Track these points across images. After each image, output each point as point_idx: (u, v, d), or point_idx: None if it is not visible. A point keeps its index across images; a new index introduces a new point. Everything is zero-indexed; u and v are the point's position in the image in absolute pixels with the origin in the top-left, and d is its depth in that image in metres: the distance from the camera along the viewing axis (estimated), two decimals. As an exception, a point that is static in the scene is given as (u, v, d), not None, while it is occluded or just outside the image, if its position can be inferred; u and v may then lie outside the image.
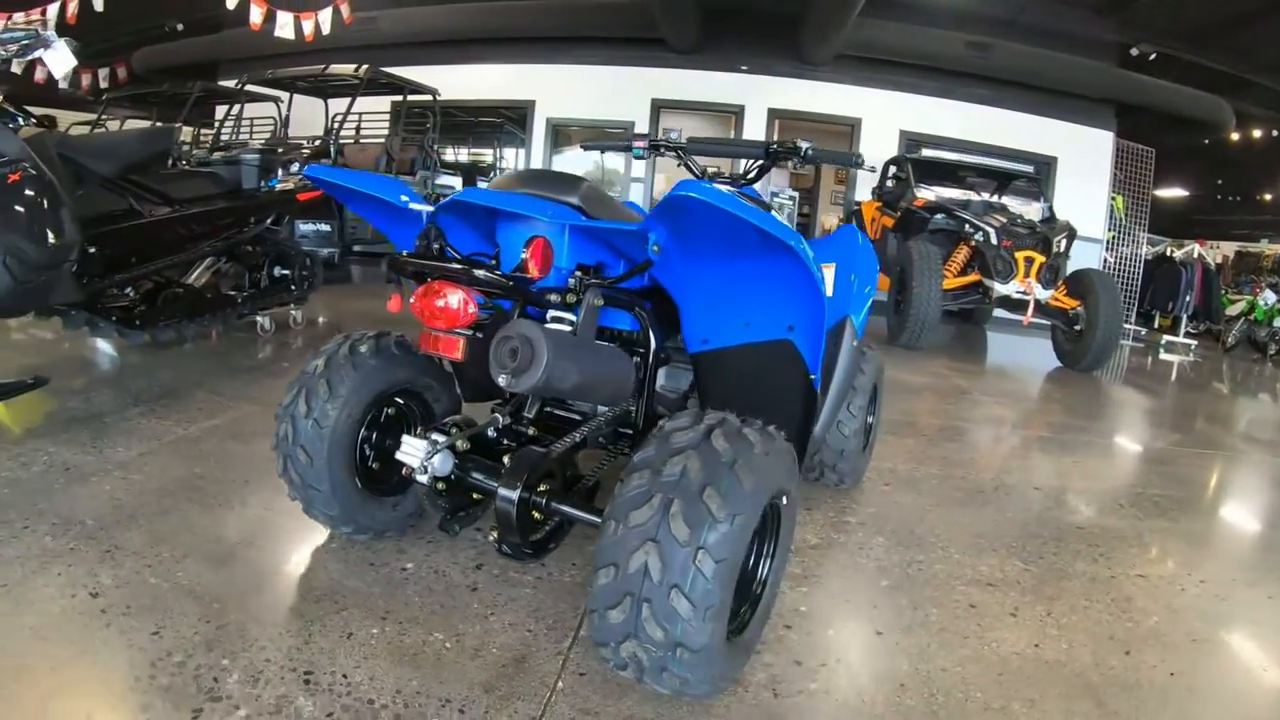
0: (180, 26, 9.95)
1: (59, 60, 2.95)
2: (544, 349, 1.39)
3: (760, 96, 9.63)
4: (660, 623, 1.23)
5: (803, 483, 2.69)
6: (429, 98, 9.76)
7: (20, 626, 1.57)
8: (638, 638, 1.25)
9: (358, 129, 10.21)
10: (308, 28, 7.84)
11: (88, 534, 2.02)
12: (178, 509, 2.24)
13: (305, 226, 5.73)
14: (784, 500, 1.53)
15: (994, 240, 6.13)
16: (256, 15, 7.17)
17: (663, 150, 2.46)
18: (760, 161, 2.36)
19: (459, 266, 1.48)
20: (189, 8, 8.21)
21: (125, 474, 2.49)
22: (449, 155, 12.74)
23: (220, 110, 10.10)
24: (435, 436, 1.70)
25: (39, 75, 8.70)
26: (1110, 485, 3.14)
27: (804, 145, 2.24)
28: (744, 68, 9.59)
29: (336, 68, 8.25)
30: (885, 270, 7.26)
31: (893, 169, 8.24)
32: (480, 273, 1.46)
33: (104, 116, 8.75)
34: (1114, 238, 9.52)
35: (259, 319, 4.95)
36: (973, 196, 7.22)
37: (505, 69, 10.74)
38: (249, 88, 8.42)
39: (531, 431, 1.84)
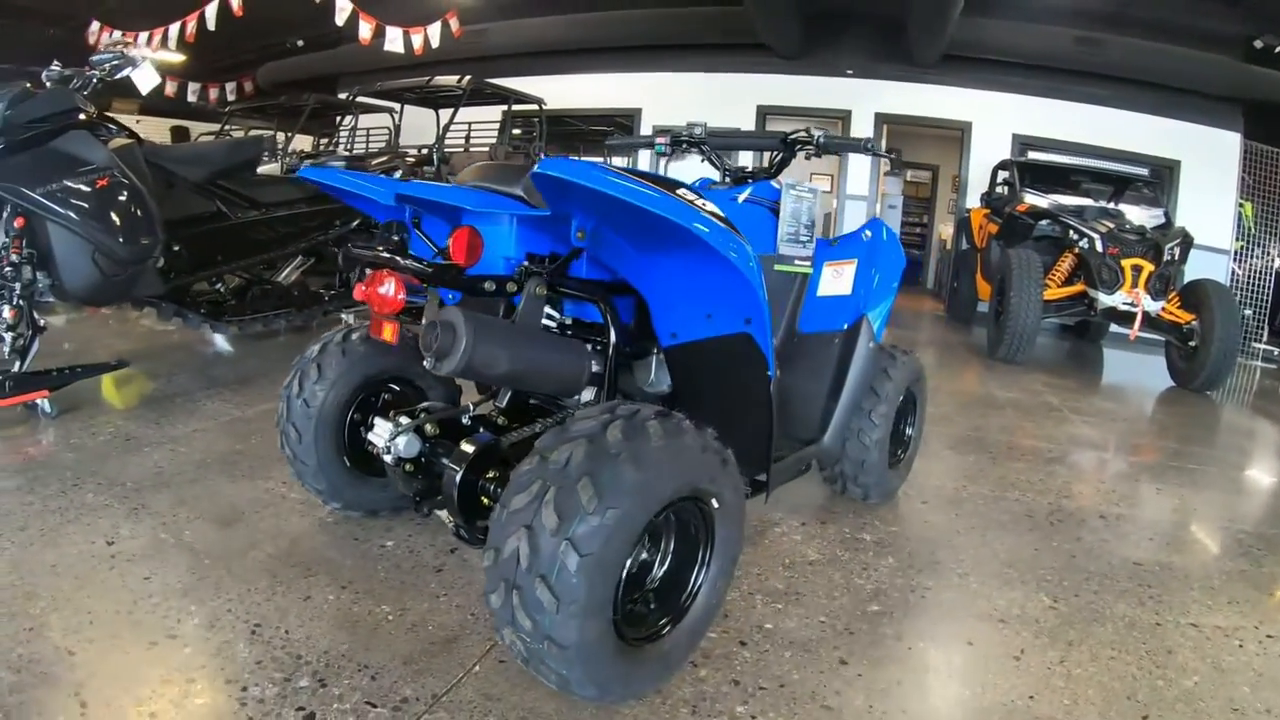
0: (300, 43, 10.70)
1: (145, 78, 3.24)
2: (464, 334, 1.38)
3: (867, 100, 9.29)
4: (529, 613, 1.20)
5: (829, 495, 2.55)
6: (534, 107, 10.08)
7: (42, 562, 1.87)
8: (513, 625, 1.23)
9: (467, 138, 10.66)
10: (417, 41, 8.23)
11: (124, 494, 2.31)
12: (208, 479, 2.46)
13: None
14: (714, 504, 1.44)
15: (1099, 247, 5.62)
16: (366, 31, 7.59)
17: (685, 146, 2.41)
18: (782, 154, 2.28)
19: (387, 255, 1.49)
20: (309, 25, 8.81)
21: (175, 446, 2.72)
22: None
23: (339, 120, 10.85)
24: (402, 419, 1.77)
25: (169, 90, 9.64)
26: (1191, 518, 2.76)
27: (817, 134, 2.19)
28: (849, 71, 9.29)
29: (440, 80, 8.62)
30: (987, 278, 6.84)
31: (1001, 174, 7.75)
32: (405, 261, 1.47)
33: (227, 126, 9.50)
34: (1242, 248, 8.52)
35: (344, 315, 5.20)
36: (1086, 202, 6.67)
37: (611, 78, 10.87)
38: (360, 99, 8.93)
39: (502, 420, 1.85)
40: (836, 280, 2.26)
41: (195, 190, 3.65)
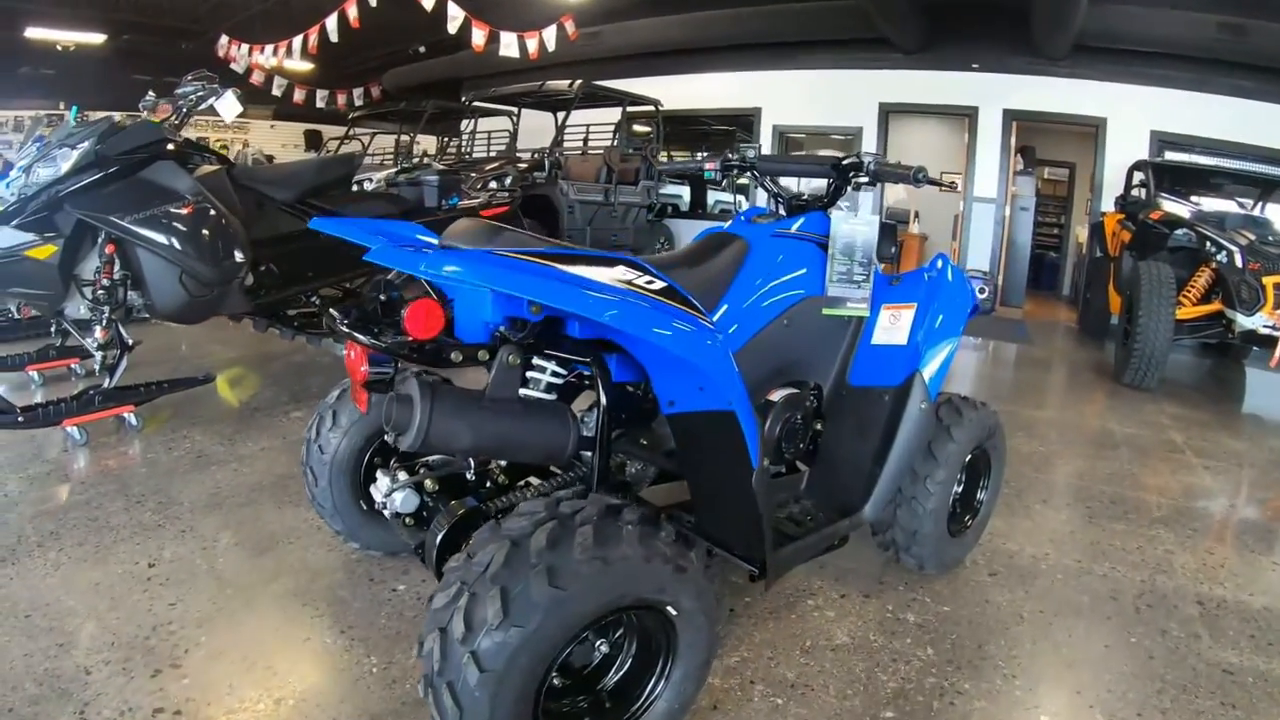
0: (423, 49, 11.13)
1: (228, 107, 3.39)
2: (419, 408, 1.33)
3: (994, 96, 8.61)
4: (442, 713, 1.16)
5: (885, 561, 2.32)
6: (651, 108, 10.03)
7: (89, 580, 2.04)
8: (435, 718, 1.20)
9: (585, 140, 10.75)
10: (531, 46, 8.33)
11: (178, 514, 2.46)
12: (258, 503, 2.58)
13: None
14: (672, 611, 1.30)
15: (1238, 261, 4.88)
16: (479, 37, 7.74)
17: (736, 171, 2.26)
18: (835, 181, 2.11)
19: (346, 329, 1.44)
20: (429, 32, 9.12)
21: (239, 466, 2.85)
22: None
23: (462, 123, 11.20)
24: (400, 474, 1.76)
25: (298, 97, 10.24)
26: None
27: (867, 159, 2.02)
28: (975, 66, 8.64)
29: (552, 84, 8.71)
30: (1119, 291, 6.19)
31: (1136, 175, 6.97)
32: (361, 335, 1.41)
33: (351, 131, 9.99)
34: None
35: None
36: (1230, 208, 5.88)
37: (730, 77, 10.66)
38: (477, 103, 9.15)
39: (503, 479, 1.80)
40: (893, 327, 2.03)
41: (284, 210, 3.80)
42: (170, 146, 3.19)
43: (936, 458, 2.05)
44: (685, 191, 11.36)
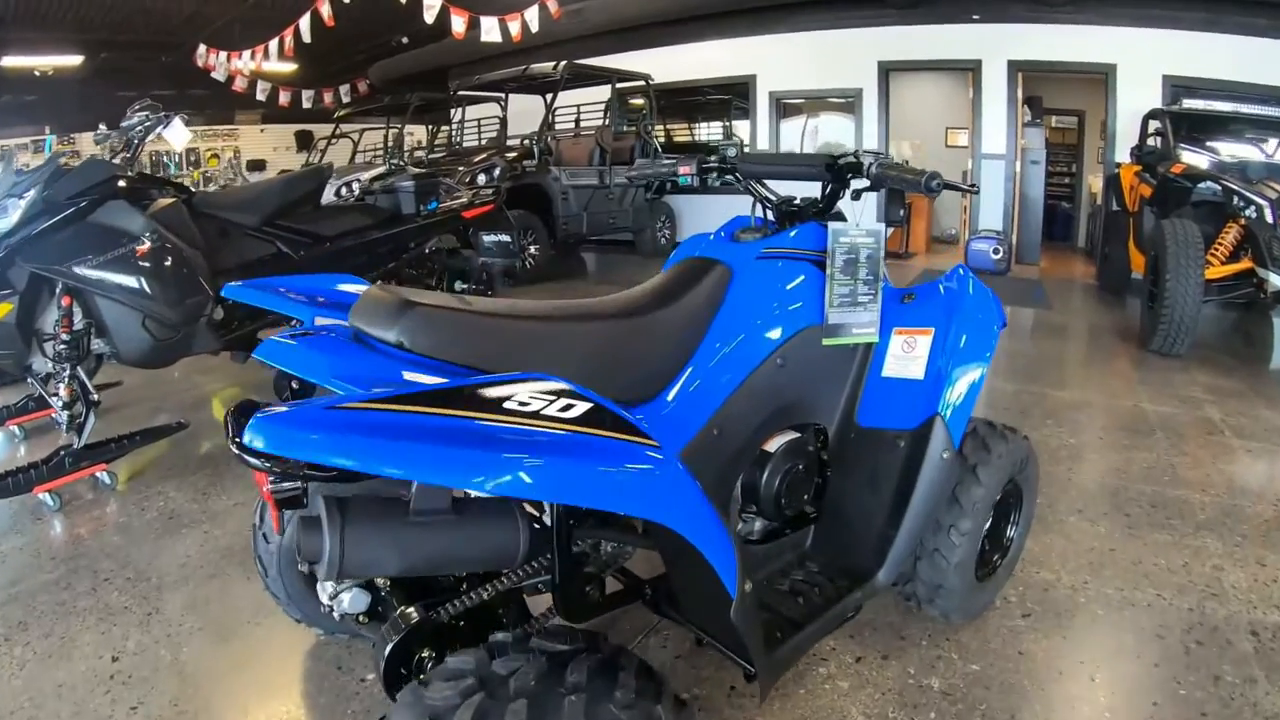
0: (405, 39, 10.83)
1: (176, 135, 3.22)
2: (328, 535, 1.11)
3: (998, 48, 8.20)
4: None
5: (904, 611, 2.09)
6: (641, 83, 9.70)
7: (52, 681, 1.91)
8: None
9: (577, 121, 10.46)
10: (514, 28, 8.02)
11: (145, 593, 2.31)
12: (224, 574, 2.43)
13: (488, 238, 5.85)
14: None
15: (1268, 217, 4.57)
16: (459, 24, 7.45)
17: (716, 175, 2.00)
18: (830, 184, 1.84)
19: (233, 445, 1.24)
20: (409, 23, 8.83)
21: (210, 527, 2.71)
22: (688, 135, 12.59)
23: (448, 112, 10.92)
24: None
25: (283, 99, 10.03)
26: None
27: (867, 160, 1.74)
28: (976, 17, 8.22)
29: (536, 67, 8.43)
30: (1141, 249, 5.89)
31: (1152, 124, 6.59)
32: (249, 458, 1.19)
33: (339, 129, 9.77)
34: None
35: None
36: (1256, 156, 5.52)
37: (722, 45, 10.29)
38: (462, 92, 8.88)
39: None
40: (907, 356, 1.78)
41: (251, 235, 3.61)
42: (122, 184, 3.00)
43: (962, 505, 1.80)
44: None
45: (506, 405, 0.95)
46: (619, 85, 9.58)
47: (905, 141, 10.64)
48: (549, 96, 8.52)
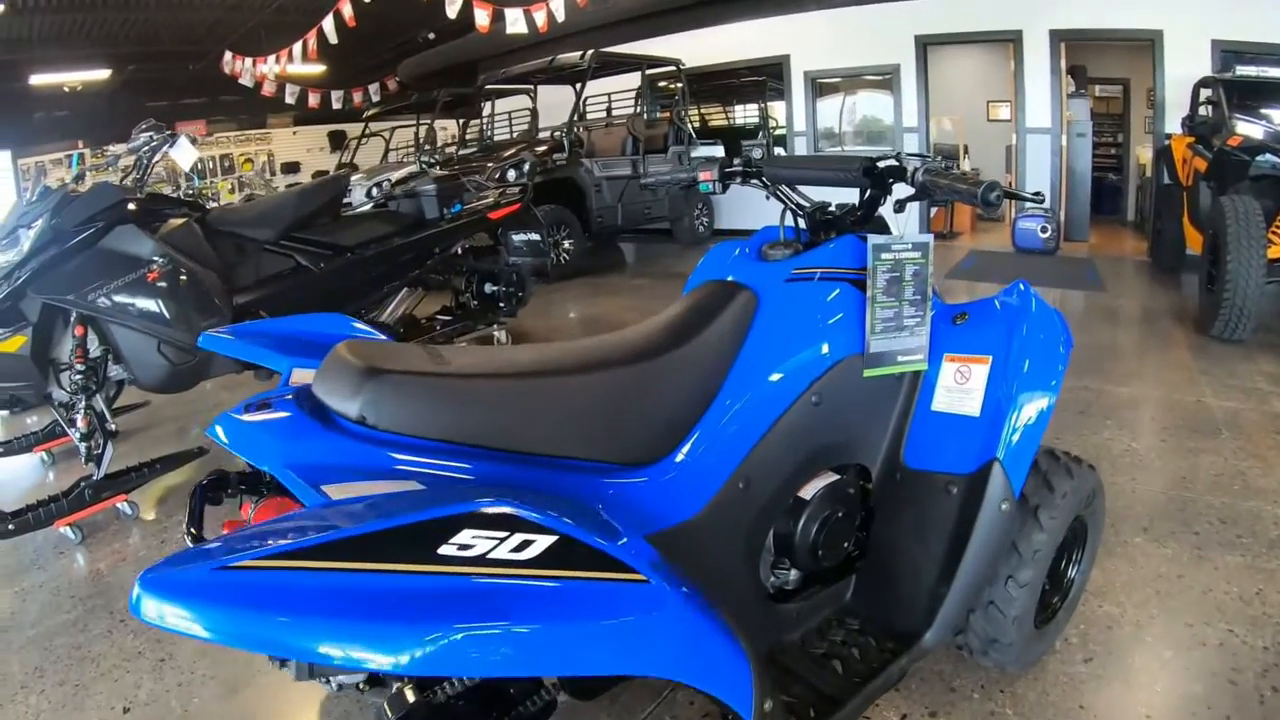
0: (432, 35, 10.74)
1: (184, 154, 3.16)
2: None
3: (1039, 17, 7.76)
4: None
5: (952, 658, 1.88)
6: (672, 69, 9.48)
7: None
8: None
9: (609, 110, 10.28)
10: (540, 19, 7.88)
11: (159, 636, 2.23)
12: None
13: (518, 237, 5.73)
14: None
15: None
16: (483, 18, 7.34)
17: (740, 179, 1.80)
18: (868, 191, 1.63)
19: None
20: (435, 19, 8.75)
21: None
22: (724, 119, 12.36)
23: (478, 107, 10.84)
24: None
25: (312, 101, 10.06)
26: None
27: (912, 165, 1.52)
28: (1015, -15, 7.86)
29: (563, 57, 8.27)
30: (1196, 226, 5.55)
31: (1204, 93, 6.17)
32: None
33: (370, 128, 9.76)
34: None
35: (495, 333, 5.05)
36: None
37: (754, 25, 9.99)
38: (489, 85, 8.77)
39: None
40: (960, 389, 1.55)
41: (269, 250, 3.55)
42: (131, 207, 2.95)
43: (1022, 554, 1.59)
44: (720, 151, 10.79)
45: (443, 552, 0.78)
46: (649, 71, 9.39)
47: (945, 117, 10.24)
48: (578, 86, 8.36)
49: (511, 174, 7.23)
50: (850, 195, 1.69)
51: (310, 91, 10.40)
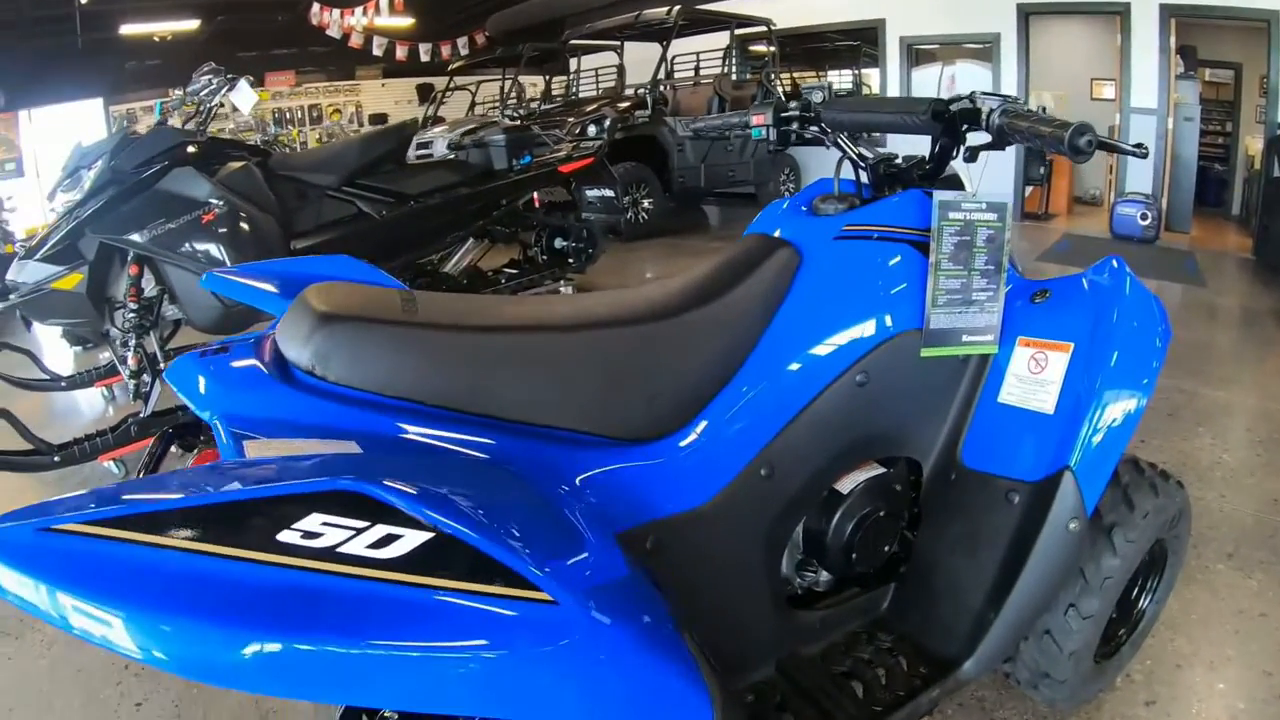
0: (521, -12, 10.61)
1: (244, 98, 3.12)
2: None
3: (1148, -12, 7.07)
4: None
5: (996, 684, 1.67)
6: (763, 29, 9.09)
7: (72, 665, 1.90)
8: None
9: (696, 69, 9.98)
10: (629, -28, 7.65)
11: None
12: None
13: (592, 193, 5.57)
14: None
15: None
16: (570, -31, 7.15)
17: (797, 124, 1.53)
18: (939, 139, 1.38)
19: None
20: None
21: None
22: (816, 84, 11.87)
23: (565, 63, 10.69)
24: None
25: (400, 54, 10.08)
26: None
27: (988, 106, 1.28)
28: (1127, -49, 7.11)
29: (649, 13, 8.01)
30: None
31: None
32: None
33: (454, 82, 9.76)
34: None
35: (562, 289, 4.97)
36: None
37: (849, -15, 9.51)
38: (574, 41, 8.61)
39: None
40: (1034, 379, 1.29)
41: (331, 196, 3.52)
42: (191, 149, 2.94)
43: (1089, 580, 1.35)
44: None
45: (283, 539, 0.63)
46: (739, 31, 9.03)
47: (1047, 92, 9.52)
48: (664, 44, 8.10)
49: (592, 129, 7.08)
50: (923, 147, 1.46)
51: (399, 44, 10.41)
